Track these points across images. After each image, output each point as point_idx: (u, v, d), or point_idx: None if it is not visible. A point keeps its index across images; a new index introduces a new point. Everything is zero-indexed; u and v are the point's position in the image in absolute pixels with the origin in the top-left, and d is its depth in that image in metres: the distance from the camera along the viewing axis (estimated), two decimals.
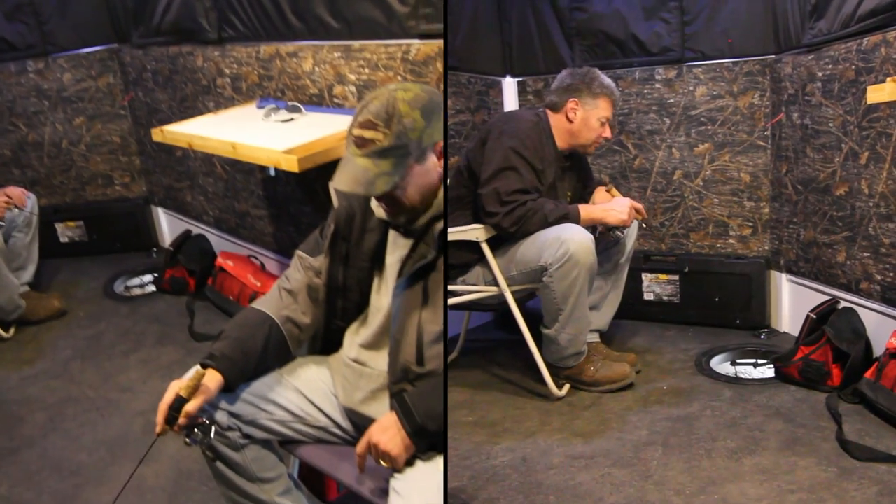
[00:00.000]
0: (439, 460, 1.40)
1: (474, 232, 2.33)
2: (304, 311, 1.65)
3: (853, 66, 2.33)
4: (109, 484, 2.09)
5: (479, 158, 2.37)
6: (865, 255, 2.41)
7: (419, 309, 1.47)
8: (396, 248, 1.57)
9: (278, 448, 1.67)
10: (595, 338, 2.53)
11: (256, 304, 1.67)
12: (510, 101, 3.25)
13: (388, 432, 1.38)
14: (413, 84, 1.48)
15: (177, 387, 1.46)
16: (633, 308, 2.96)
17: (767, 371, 2.53)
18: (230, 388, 1.55)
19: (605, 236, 2.47)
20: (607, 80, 2.46)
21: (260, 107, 2.74)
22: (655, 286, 3.00)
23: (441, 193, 1.49)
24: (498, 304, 2.42)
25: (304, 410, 1.64)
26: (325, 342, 1.70)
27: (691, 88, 2.90)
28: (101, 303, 3.35)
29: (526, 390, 2.47)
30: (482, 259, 2.36)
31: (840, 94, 2.41)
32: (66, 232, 3.85)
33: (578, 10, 3.06)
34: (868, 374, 2.14)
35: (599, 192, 2.54)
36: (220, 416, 1.54)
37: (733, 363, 2.65)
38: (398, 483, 1.37)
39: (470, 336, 2.92)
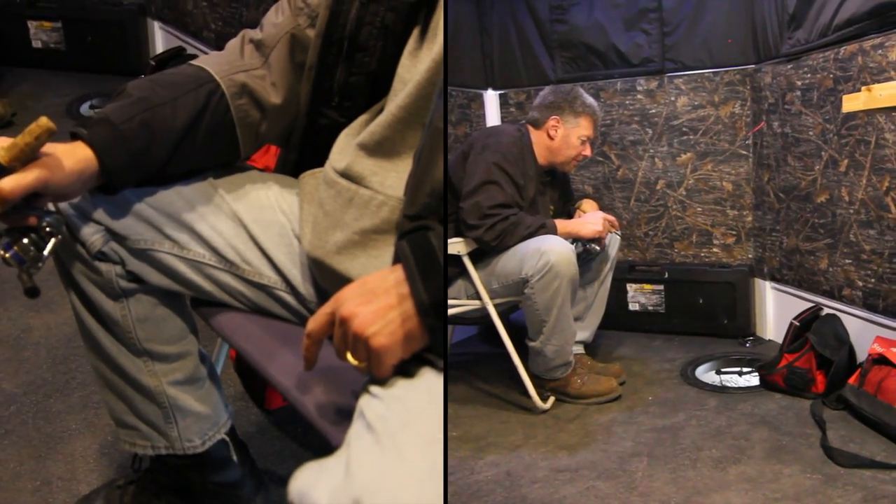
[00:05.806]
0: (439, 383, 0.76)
1: (456, 245, 2.33)
2: (275, 82, 0.99)
3: (831, 75, 2.35)
4: None
5: (460, 172, 2.37)
6: (847, 261, 2.41)
7: None
8: None
9: (190, 311, 1.09)
10: (580, 349, 2.52)
11: (196, 62, 1.02)
12: (492, 113, 3.25)
13: (376, 301, 0.73)
14: None
15: None
16: (618, 319, 2.96)
17: (752, 379, 2.52)
18: (111, 188, 0.92)
19: (587, 251, 2.47)
20: (589, 100, 2.47)
21: None
22: (640, 296, 3.00)
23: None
24: (481, 318, 2.41)
25: (240, 253, 1.01)
26: (302, 150, 1.04)
27: (672, 99, 2.91)
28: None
29: (510, 403, 2.45)
30: (464, 273, 2.35)
31: (819, 102, 2.42)
32: (39, 34, 3.24)
33: (559, 23, 3.07)
34: (851, 381, 2.14)
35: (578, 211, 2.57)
36: (90, 234, 0.96)
37: (718, 372, 2.65)
38: (379, 406, 0.71)
39: (454, 350, 2.91)
